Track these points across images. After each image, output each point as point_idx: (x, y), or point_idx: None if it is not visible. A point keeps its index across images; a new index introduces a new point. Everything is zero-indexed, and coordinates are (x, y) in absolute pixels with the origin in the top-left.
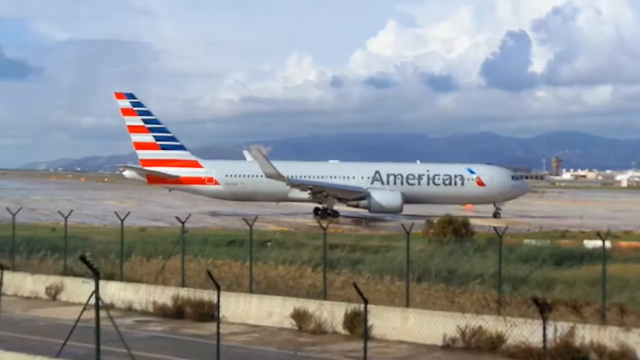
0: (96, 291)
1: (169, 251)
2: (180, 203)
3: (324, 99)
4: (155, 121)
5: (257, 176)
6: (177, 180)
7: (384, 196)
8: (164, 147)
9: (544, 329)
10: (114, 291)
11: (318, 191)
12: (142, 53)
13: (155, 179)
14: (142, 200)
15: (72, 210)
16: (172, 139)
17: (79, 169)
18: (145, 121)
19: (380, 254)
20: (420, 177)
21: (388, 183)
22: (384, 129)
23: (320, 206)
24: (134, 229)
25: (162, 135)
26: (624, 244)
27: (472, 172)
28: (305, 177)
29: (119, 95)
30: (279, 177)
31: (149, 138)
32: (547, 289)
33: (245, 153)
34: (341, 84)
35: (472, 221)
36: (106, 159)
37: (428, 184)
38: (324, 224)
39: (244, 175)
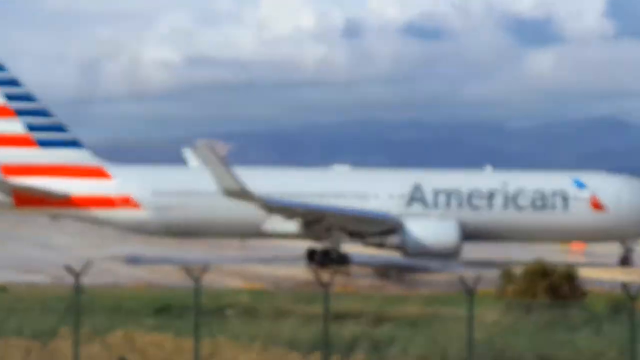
0: None
1: (52, 327)
2: (73, 241)
3: (327, 62)
4: (28, 97)
5: (208, 194)
6: (66, 200)
7: (429, 228)
8: (42, 143)
9: None
10: None
11: (314, 219)
12: None
13: (29, 199)
14: (3, 237)
15: None
16: (58, 128)
17: None
18: (9, 97)
19: (422, 330)
20: (491, 195)
21: (436, 206)
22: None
23: (318, 246)
24: None
25: (40, 122)
26: None
27: (581, 185)
28: (292, 195)
29: None
30: (245, 194)
31: (15, 127)
32: None
33: (188, 153)
34: (358, 35)
35: (583, 272)
36: None
37: (505, 206)
38: (325, 277)
39: (184, 193)
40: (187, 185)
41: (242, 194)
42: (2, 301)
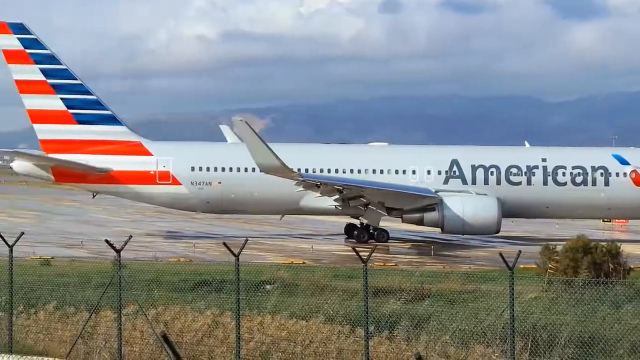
0: None
1: (93, 302)
2: (113, 216)
3: (364, 36)
4: (67, 74)
5: (246, 170)
6: (105, 176)
7: (468, 205)
8: (81, 120)
9: None
10: None
11: (353, 196)
12: None
13: (68, 175)
14: (44, 212)
15: None
16: (97, 104)
17: None
18: (47, 74)
19: (461, 306)
20: (530, 170)
21: (474, 182)
22: (466, 87)
23: (356, 222)
24: (31, 263)
25: (79, 98)
26: None
27: (623, 161)
28: (330, 171)
29: (0, 28)
30: (283, 170)
31: (55, 103)
32: None
33: (225, 129)
34: (396, 9)
35: (626, 248)
36: None
37: (545, 182)
38: (364, 253)
39: (223, 169)
40: (226, 161)
41: (280, 169)
42: (46, 275)
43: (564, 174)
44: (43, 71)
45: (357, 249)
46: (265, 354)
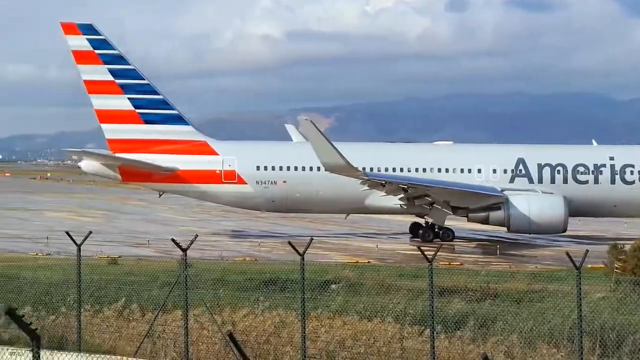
0: None
1: (160, 301)
2: (179, 215)
3: (431, 35)
4: (134, 74)
5: (311, 169)
6: (171, 176)
7: (534, 203)
8: (148, 120)
9: None
10: None
11: (418, 195)
12: None
13: (135, 175)
14: (112, 212)
15: None
16: (163, 104)
17: (0, 156)
18: (115, 74)
19: (528, 306)
20: (598, 169)
21: (540, 181)
22: (531, 85)
23: (422, 221)
24: (99, 262)
25: (146, 97)
26: None
27: None
28: (394, 170)
29: (69, 28)
30: (348, 169)
31: (122, 103)
32: None
33: (290, 128)
34: (464, 8)
35: None
36: (49, 139)
37: (612, 181)
38: (429, 252)
39: (288, 168)
40: (291, 160)
41: (345, 168)
42: (113, 274)
43: (632, 172)
44: (111, 71)
45: (422, 248)
46: (331, 353)
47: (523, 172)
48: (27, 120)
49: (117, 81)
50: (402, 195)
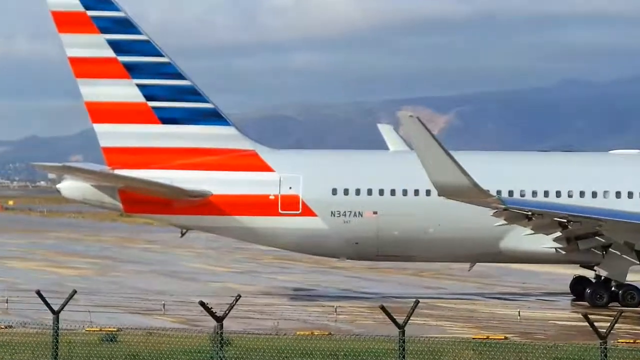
0: None
1: None
2: (211, 265)
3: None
4: (148, 47)
5: (416, 193)
6: (201, 204)
7: None
8: (166, 117)
9: None
10: None
11: (584, 233)
12: None
13: (145, 202)
14: (107, 260)
15: None
16: (191, 94)
17: None
18: (119, 47)
19: None
20: None
21: None
22: None
23: (590, 274)
24: (87, 338)
25: (164, 84)
26: None
27: None
28: (547, 194)
29: None
30: (475, 193)
31: (128, 92)
32: None
33: (385, 130)
34: None
35: None
36: (13, 148)
37: None
38: (603, 323)
39: (380, 192)
40: (385, 179)
41: (469, 192)
42: (110, 357)
43: None
44: (112, 43)
45: (590, 316)
46: None
47: None
48: None
49: (121, 58)
50: (559, 234)
